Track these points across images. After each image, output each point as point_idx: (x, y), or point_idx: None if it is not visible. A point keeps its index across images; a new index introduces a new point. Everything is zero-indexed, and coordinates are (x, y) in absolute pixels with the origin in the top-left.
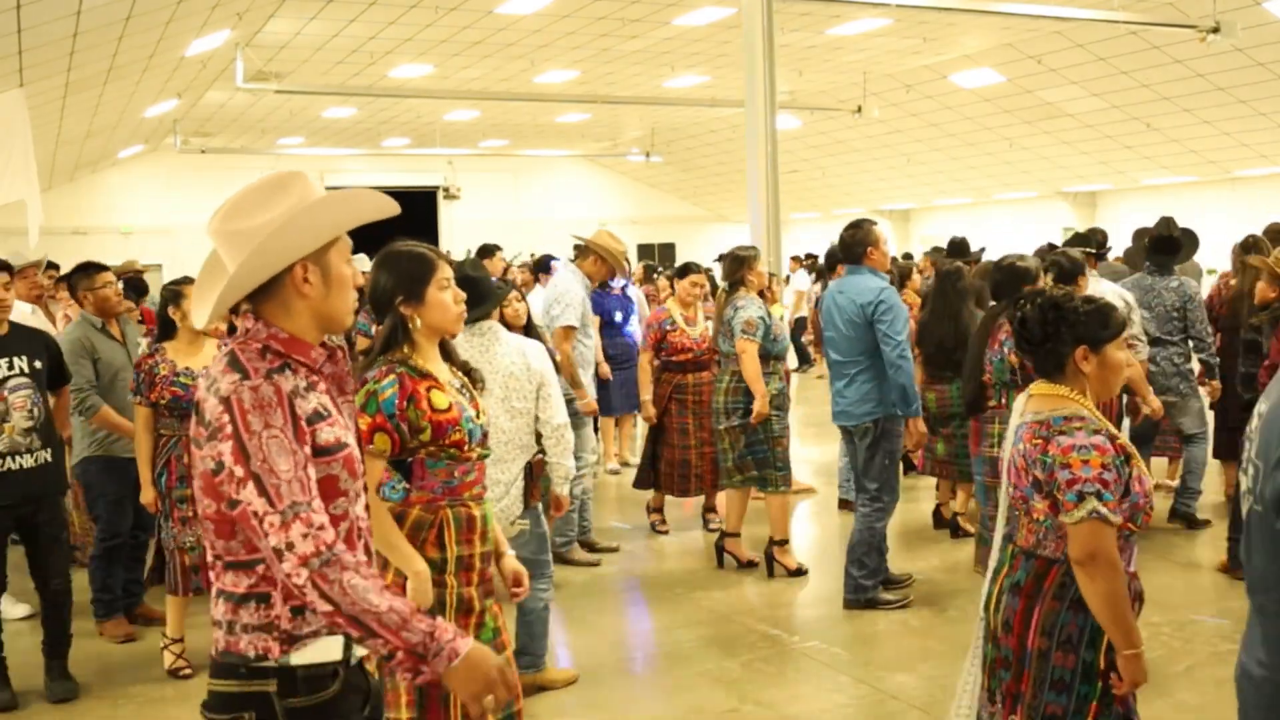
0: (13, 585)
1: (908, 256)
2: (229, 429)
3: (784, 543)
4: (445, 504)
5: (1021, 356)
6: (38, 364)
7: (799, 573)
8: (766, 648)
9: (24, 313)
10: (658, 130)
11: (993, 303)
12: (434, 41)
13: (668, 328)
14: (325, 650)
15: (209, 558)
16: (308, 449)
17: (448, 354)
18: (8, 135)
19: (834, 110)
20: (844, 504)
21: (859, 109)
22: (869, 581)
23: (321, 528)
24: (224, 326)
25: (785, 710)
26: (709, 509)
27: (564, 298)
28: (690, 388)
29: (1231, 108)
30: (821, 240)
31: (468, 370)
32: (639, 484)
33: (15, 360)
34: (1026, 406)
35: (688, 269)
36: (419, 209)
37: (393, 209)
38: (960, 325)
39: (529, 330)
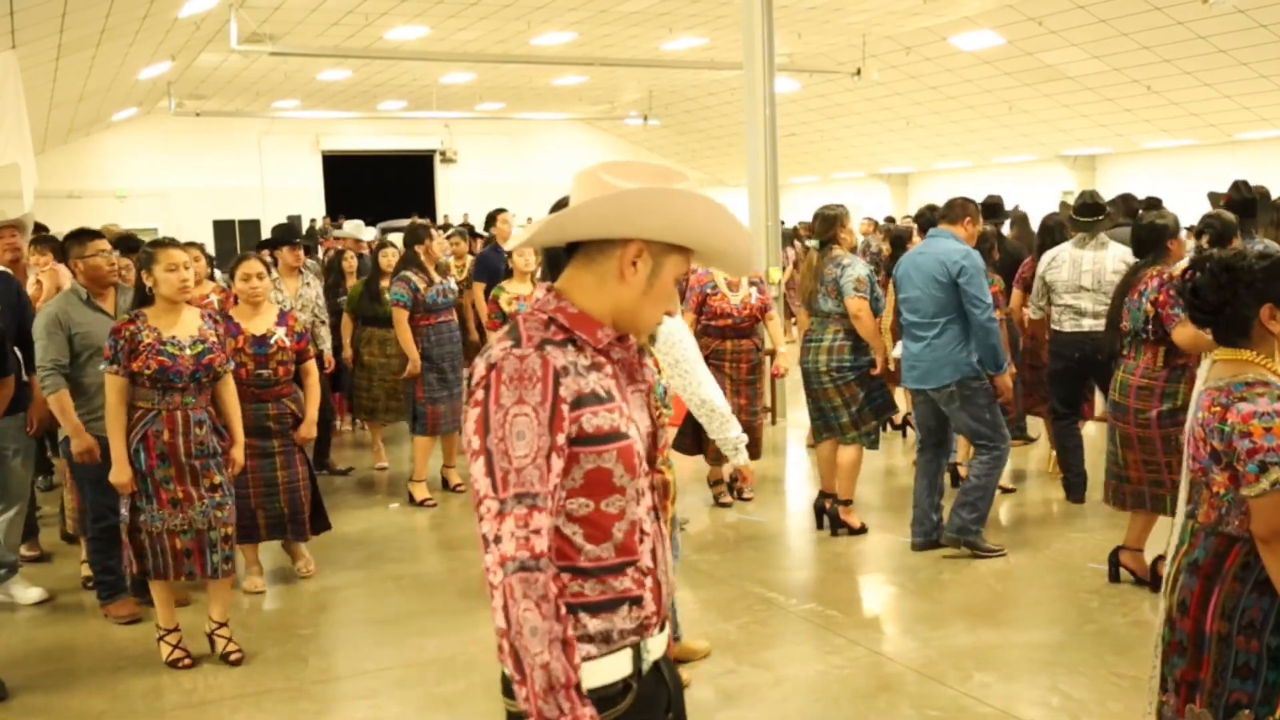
0: (24, 568)
1: (890, 220)
2: (481, 395)
3: (848, 503)
4: None
5: (1200, 327)
6: None
7: (862, 530)
8: (764, 610)
9: None
10: (656, 93)
11: (1135, 259)
12: (430, 2)
13: (709, 291)
14: (610, 670)
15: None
16: (562, 436)
17: None
18: None
19: (833, 73)
20: None
21: (858, 71)
22: (976, 526)
23: (537, 532)
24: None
25: (782, 672)
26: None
27: None
28: (729, 354)
29: (1233, 70)
30: (818, 202)
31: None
32: (678, 448)
33: None
34: (1210, 373)
35: None
36: (416, 173)
37: (745, 240)
38: None
39: None
